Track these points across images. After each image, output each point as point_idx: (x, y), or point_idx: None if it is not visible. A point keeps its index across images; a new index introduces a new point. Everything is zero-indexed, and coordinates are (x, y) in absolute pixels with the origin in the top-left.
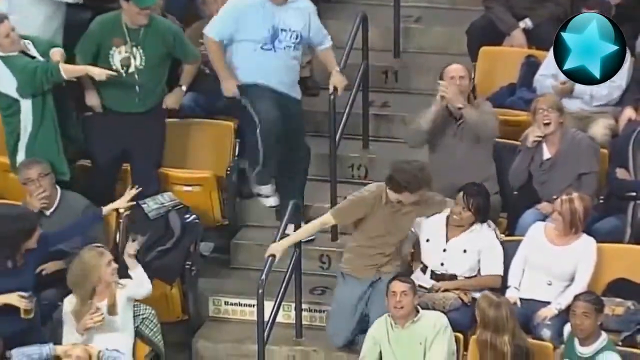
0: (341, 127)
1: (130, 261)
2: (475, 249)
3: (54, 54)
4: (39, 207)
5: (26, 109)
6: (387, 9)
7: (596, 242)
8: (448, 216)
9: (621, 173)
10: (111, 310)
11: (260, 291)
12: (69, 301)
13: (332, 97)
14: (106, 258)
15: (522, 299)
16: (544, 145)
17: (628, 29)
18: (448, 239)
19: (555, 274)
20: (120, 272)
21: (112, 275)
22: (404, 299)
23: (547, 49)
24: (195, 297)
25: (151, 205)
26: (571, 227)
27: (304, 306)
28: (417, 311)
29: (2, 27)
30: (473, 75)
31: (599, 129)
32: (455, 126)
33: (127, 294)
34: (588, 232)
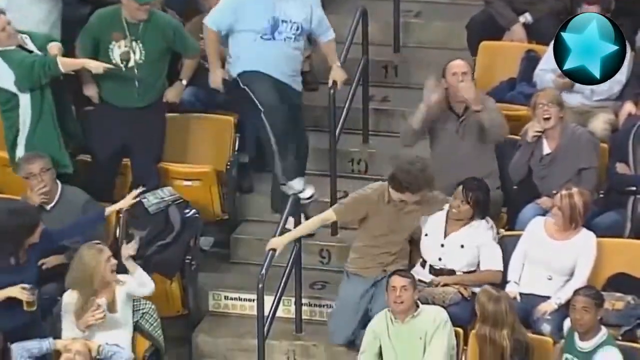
0: (341, 122)
1: (129, 264)
2: (474, 245)
3: (51, 48)
4: (39, 202)
5: (25, 103)
6: (387, 4)
7: (596, 236)
8: (448, 211)
9: (621, 167)
10: (111, 307)
11: (260, 286)
12: (68, 295)
13: (332, 91)
14: (105, 254)
15: (521, 294)
16: (544, 140)
17: (628, 23)
18: (447, 234)
19: (555, 268)
20: (120, 268)
21: (112, 272)
22: (403, 293)
23: (547, 43)
24: (195, 292)
25: (151, 200)
26: (571, 222)
27: (304, 301)
28: (417, 306)
29: None
30: (473, 70)
31: (599, 123)
32: (457, 123)
33: (126, 291)
34: (588, 227)
